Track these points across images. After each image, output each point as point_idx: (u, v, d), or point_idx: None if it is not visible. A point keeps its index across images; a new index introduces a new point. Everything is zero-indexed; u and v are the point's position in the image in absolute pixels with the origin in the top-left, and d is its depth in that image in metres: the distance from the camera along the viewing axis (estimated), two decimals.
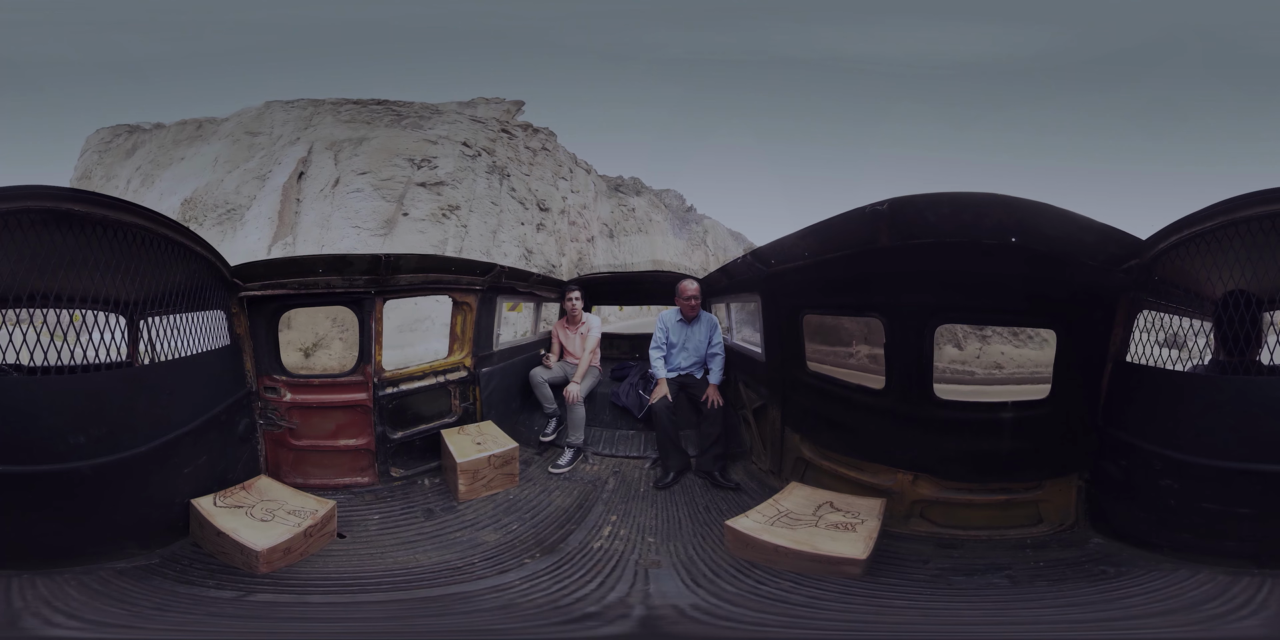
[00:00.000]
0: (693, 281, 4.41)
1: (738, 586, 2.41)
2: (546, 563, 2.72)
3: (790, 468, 3.55)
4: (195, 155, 25.02)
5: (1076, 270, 2.44)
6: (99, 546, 2.32)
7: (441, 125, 24.62)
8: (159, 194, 23.65)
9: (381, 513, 3.33)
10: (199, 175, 23.66)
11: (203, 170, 23.81)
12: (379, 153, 22.60)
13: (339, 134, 23.43)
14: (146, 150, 27.14)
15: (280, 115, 25.17)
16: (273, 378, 3.49)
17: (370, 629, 2.15)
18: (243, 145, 24.31)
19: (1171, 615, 1.90)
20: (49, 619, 1.84)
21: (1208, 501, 2.17)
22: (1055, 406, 2.68)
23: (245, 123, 25.45)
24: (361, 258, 3.46)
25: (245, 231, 20.98)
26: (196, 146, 25.59)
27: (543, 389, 4.66)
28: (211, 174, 23.38)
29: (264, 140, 24.32)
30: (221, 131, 25.65)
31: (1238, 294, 2.29)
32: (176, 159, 25.37)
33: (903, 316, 2.79)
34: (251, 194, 22.11)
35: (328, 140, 23.18)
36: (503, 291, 4.70)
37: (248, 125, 25.23)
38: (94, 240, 2.29)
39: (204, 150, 24.95)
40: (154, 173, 25.40)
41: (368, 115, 24.58)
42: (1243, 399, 2.15)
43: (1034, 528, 2.75)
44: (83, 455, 2.22)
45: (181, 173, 24.44)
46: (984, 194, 2.30)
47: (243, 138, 24.59)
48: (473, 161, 23.89)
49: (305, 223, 21.18)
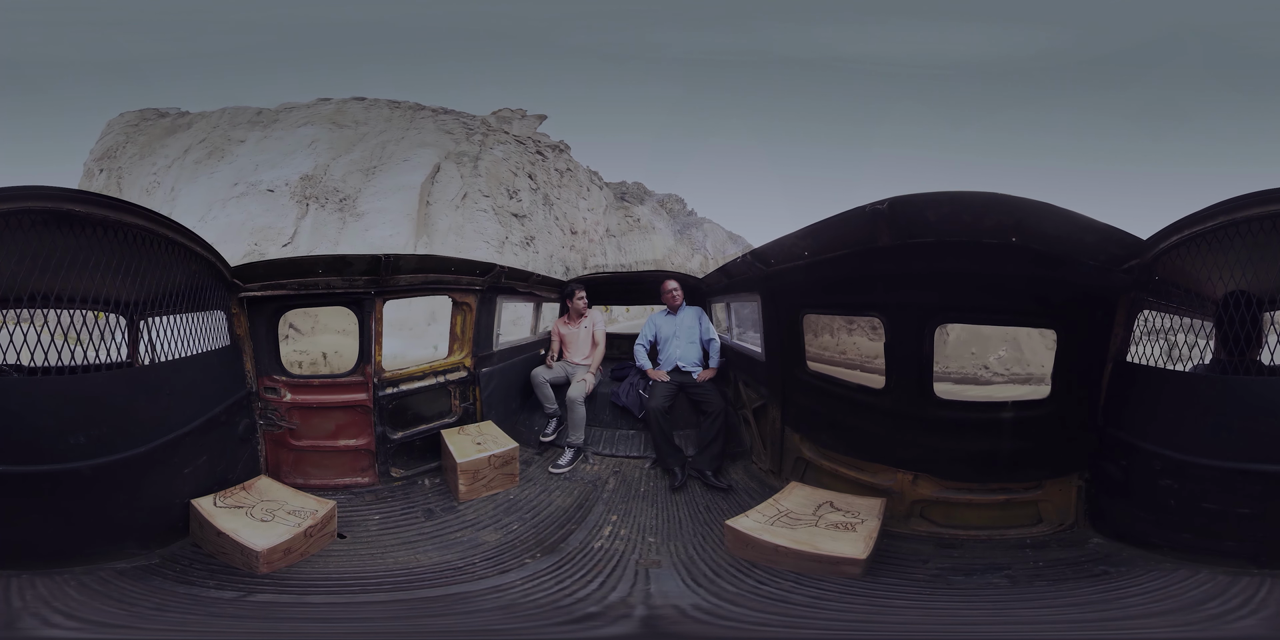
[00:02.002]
0: (669, 280, 4.85)
1: (738, 586, 2.41)
2: (547, 563, 2.72)
3: (790, 467, 3.55)
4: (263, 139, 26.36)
5: (1077, 270, 2.44)
6: (99, 546, 2.32)
7: (499, 146, 27.47)
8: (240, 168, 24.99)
9: (382, 513, 3.33)
10: (288, 157, 25.10)
11: (294, 152, 25.26)
12: (490, 178, 25.97)
13: (453, 146, 26.19)
14: (197, 130, 28.04)
15: (384, 111, 27.07)
16: (273, 378, 3.49)
17: (371, 629, 2.15)
18: (341, 136, 25.94)
19: (1171, 615, 1.90)
20: (48, 619, 1.84)
21: (1207, 501, 2.16)
22: (1055, 406, 2.69)
23: (329, 114, 26.98)
24: (361, 258, 3.46)
25: (366, 223, 22.90)
26: (259, 131, 26.93)
27: (544, 389, 4.67)
28: (312, 159, 24.91)
29: (360, 134, 26.02)
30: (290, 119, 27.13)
31: (1238, 294, 2.29)
32: (235, 141, 26.56)
33: (903, 316, 2.79)
34: (357, 186, 23.85)
35: (444, 149, 25.75)
36: (502, 291, 4.70)
37: (332, 116, 26.80)
38: (94, 241, 2.29)
39: (280, 136, 26.32)
40: (224, 147, 26.50)
41: (458, 128, 27.21)
42: (1243, 399, 2.15)
43: (1034, 528, 2.75)
44: (83, 455, 2.22)
45: (256, 152, 25.72)
46: (984, 193, 2.30)
47: (330, 127, 26.25)
48: (534, 194, 27.56)
49: (439, 228, 23.67)
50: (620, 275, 6.45)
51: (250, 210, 23.17)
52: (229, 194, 23.83)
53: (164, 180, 25.97)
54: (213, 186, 24.38)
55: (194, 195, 24.33)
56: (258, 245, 22.03)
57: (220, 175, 24.71)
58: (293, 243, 22.49)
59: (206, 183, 24.69)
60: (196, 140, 27.18)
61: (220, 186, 24.27)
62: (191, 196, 24.31)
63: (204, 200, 23.88)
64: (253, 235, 22.43)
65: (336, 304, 3.61)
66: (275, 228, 22.89)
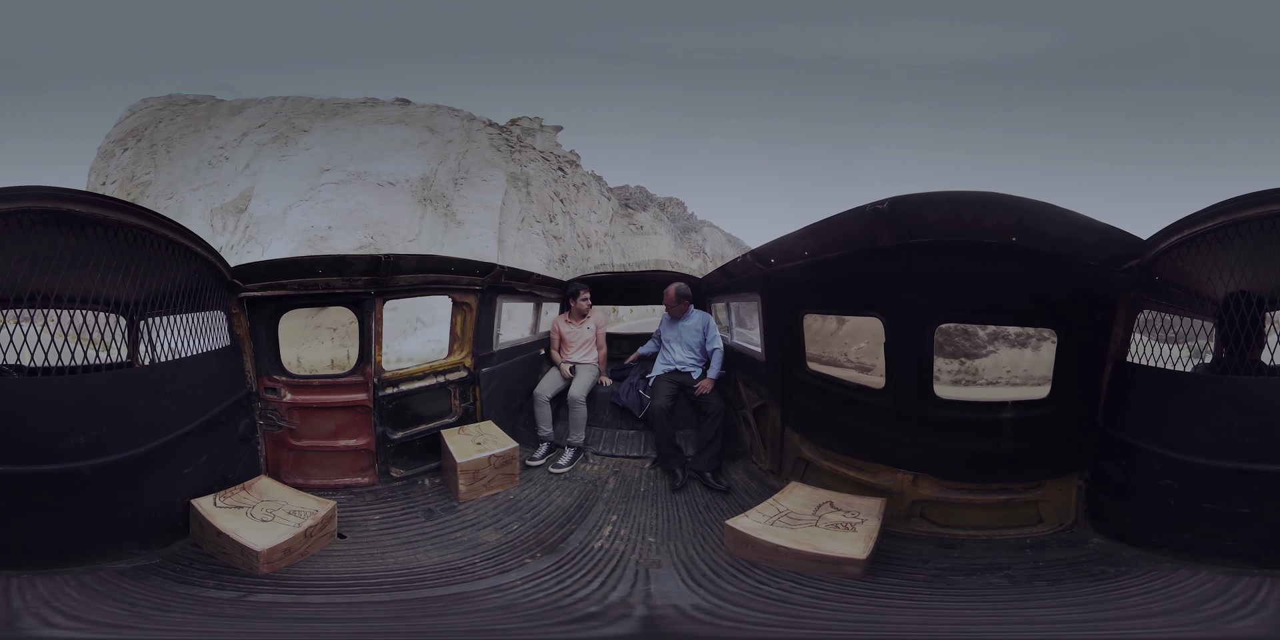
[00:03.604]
0: (670, 289, 4.65)
1: (738, 586, 2.41)
2: (547, 563, 2.72)
3: (790, 467, 3.55)
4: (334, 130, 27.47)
5: (1077, 270, 2.44)
6: (99, 546, 2.32)
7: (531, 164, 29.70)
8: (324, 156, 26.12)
9: (382, 513, 3.33)
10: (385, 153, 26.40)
11: (389, 150, 26.55)
12: (539, 204, 28.39)
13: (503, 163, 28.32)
14: (251, 115, 28.83)
15: (447, 120, 28.69)
16: (273, 378, 3.49)
17: (371, 629, 2.15)
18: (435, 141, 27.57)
19: (1171, 615, 1.90)
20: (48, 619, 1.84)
21: (1208, 501, 2.16)
22: (1055, 406, 2.68)
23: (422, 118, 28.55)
24: (361, 258, 3.46)
25: (466, 232, 24.87)
26: (337, 121, 28.03)
27: (544, 409, 4.55)
28: (421, 161, 26.46)
29: (445, 140, 27.71)
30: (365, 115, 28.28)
31: (1239, 294, 2.29)
32: (300, 130, 27.57)
33: (903, 316, 2.79)
34: (444, 192, 25.63)
35: (504, 169, 27.98)
36: (502, 291, 4.70)
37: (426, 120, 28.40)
38: (94, 241, 2.29)
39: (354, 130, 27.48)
40: (291, 135, 27.46)
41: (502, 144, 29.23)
42: (1243, 399, 2.15)
43: (1034, 528, 2.75)
44: (83, 455, 2.22)
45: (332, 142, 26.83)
46: (984, 193, 2.30)
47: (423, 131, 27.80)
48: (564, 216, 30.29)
49: (508, 245, 25.87)
50: (622, 275, 6.44)
51: (361, 200, 24.11)
52: (321, 179, 24.77)
53: (232, 155, 26.89)
54: (300, 168, 25.38)
55: (280, 173, 25.32)
56: (374, 239, 22.93)
57: (299, 159, 25.82)
58: (416, 240, 23.54)
59: (293, 163, 25.71)
60: (255, 124, 28.09)
61: (306, 171, 25.20)
62: (278, 174, 25.30)
63: (293, 180, 24.85)
64: (368, 227, 23.37)
65: (336, 304, 3.61)
66: (396, 223, 23.92)
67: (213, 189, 25.79)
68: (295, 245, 22.17)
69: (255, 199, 24.71)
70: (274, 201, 24.36)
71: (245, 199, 24.89)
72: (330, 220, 23.40)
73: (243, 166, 25.97)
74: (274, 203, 24.34)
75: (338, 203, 23.90)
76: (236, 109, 29.33)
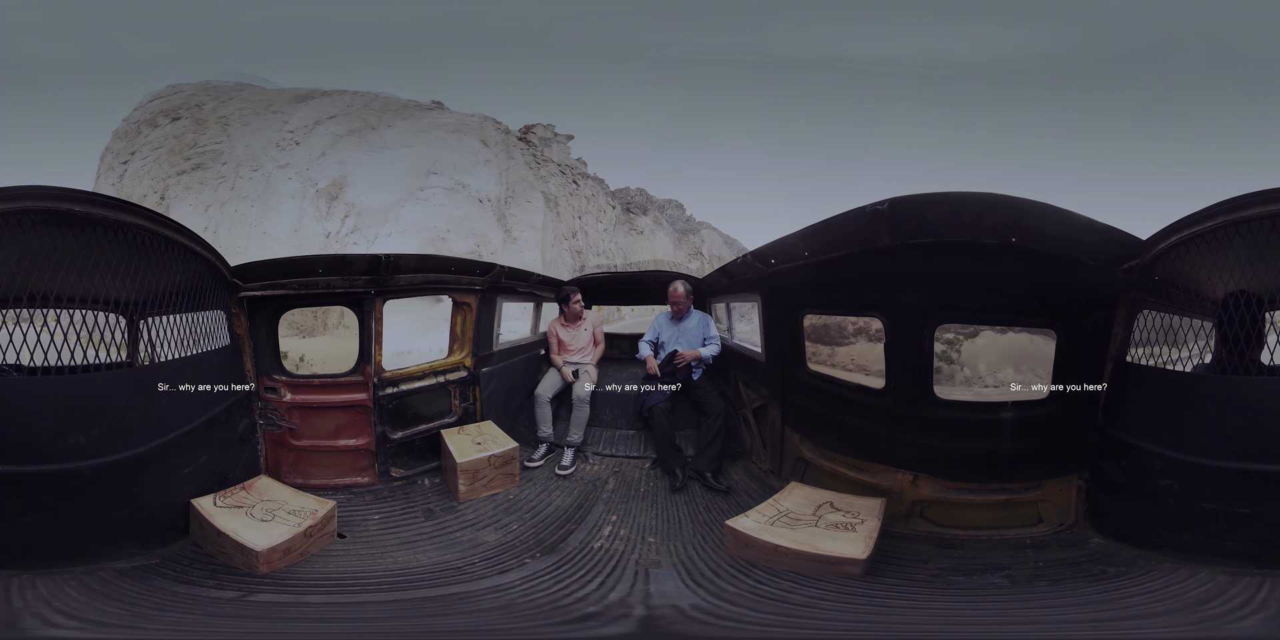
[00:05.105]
0: (679, 285, 4.58)
1: (738, 586, 2.41)
2: (547, 563, 2.72)
3: (790, 467, 3.55)
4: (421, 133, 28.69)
5: (1077, 270, 2.44)
6: (99, 546, 2.32)
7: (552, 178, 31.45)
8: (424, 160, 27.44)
9: (382, 513, 3.33)
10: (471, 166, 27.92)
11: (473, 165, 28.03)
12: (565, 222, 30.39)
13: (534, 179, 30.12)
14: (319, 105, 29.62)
15: (493, 133, 29.95)
16: (273, 378, 3.49)
17: (371, 629, 2.15)
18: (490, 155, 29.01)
19: (1171, 615, 1.90)
20: (49, 619, 1.84)
21: (1208, 501, 2.16)
22: (1055, 406, 2.68)
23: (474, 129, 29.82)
24: (361, 258, 3.46)
25: (520, 247, 26.80)
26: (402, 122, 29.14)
27: (544, 409, 4.54)
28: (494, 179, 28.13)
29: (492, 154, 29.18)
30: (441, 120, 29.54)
31: (1239, 294, 2.29)
32: (384, 125, 28.74)
33: (903, 316, 2.79)
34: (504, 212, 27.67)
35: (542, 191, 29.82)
36: (502, 291, 4.70)
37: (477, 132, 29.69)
38: (94, 240, 2.29)
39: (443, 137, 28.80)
40: (370, 132, 28.61)
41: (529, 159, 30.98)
42: (1243, 399, 2.15)
43: (1034, 528, 2.75)
44: (83, 455, 2.22)
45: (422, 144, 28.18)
46: (984, 194, 2.30)
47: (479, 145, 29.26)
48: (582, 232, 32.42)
49: (546, 259, 27.60)
50: (620, 275, 6.43)
51: (468, 210, 25.83)
52: (430, 182, 26.03)
53: (303, 141, 27.63)
54: (396, 167, 26.33)
55: (371, 168, 26.27)
56: (478, 247, 24.80)
57: (388, 157, 26.83)
58: (496, 254, 25.26)
59: (382, 159, 26.62)
60: (326, 115, 28.90)
61: (403, 172, 26.13)
62: (368, 168, 26.27)
63: (393, 178, 25.89)
64: (475, 236, 25.23)
65: (336, 304, 3.62)
66: (488, 236, 25.87)
67: (293, 170, 26.34)
68: (419, 243, 23.43)
69: (350, 189, 25.51)
70: (373, 196, 25.27)
71: (338, 186, 25.62)
72: (448, 224, 24.96)
73: (319, 154, 26.65)
74: (374, 197, 25.25)
75: (450, 208, 25.36)
76: (302, 97, 30.04)
